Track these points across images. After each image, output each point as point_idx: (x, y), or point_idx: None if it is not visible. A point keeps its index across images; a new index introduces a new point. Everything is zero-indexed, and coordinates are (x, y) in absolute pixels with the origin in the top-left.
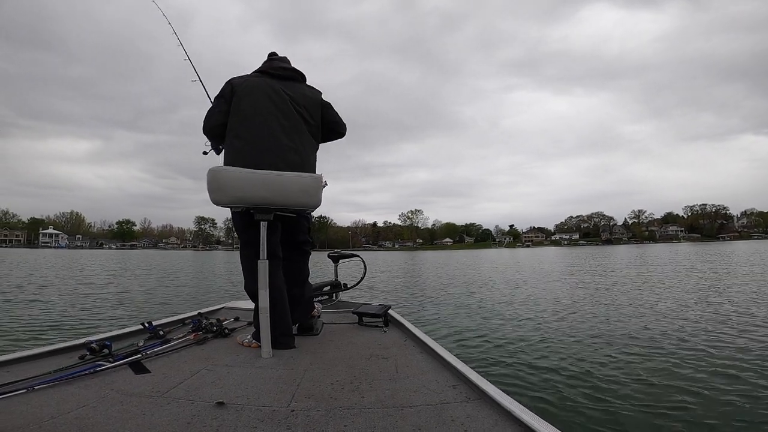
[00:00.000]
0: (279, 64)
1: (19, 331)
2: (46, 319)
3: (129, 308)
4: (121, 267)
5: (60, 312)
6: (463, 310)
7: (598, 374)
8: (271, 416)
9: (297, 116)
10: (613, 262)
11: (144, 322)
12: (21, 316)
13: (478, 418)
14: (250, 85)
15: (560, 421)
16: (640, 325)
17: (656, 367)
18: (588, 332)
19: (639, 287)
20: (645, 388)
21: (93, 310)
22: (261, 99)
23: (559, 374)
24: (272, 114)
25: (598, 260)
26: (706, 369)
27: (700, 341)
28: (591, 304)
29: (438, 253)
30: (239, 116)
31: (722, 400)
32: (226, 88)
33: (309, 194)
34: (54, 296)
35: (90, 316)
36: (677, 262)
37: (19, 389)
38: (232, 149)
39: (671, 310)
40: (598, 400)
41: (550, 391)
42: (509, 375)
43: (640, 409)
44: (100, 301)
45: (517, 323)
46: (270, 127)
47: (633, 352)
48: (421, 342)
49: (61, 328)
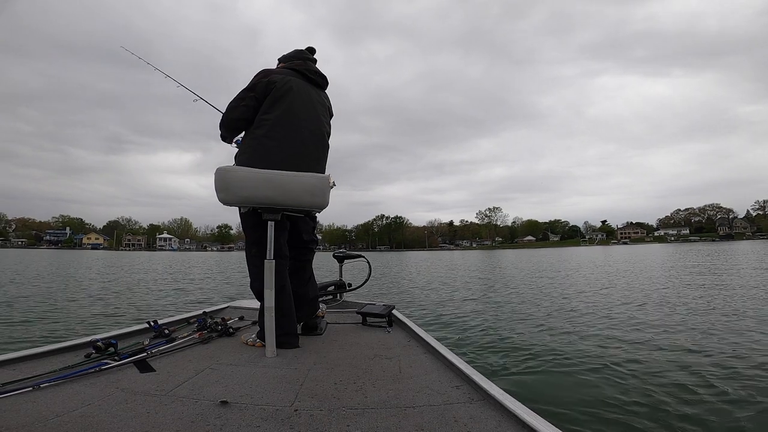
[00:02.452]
0: (314, 67)
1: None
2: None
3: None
4: (220, 263)
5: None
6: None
7: (605, 376)
8: (274, 415)
9: (324, 126)
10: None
11: (149, 320)
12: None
13: (481, 419)
14: (291, 86)
15: (564, 422)
16: (655, 323)
17: (669, 369)
18: (606, 334)
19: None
20: (655, 392)
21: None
22: (298, 104)
23: (564, 376)
24: (305, 121)
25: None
26: (734, 370)
27: (723, 339)
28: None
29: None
30: (274, 115)
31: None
32: (260, 83)
33: (316, 195)
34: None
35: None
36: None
37: (25, 387)
38: (261, 148)
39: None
40: (603, 402)
41: (555, 393)
42: (513, 376)
43: (649, 412)
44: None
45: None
46: (302, 134)
47: (644, 353)
48: (424, 342)
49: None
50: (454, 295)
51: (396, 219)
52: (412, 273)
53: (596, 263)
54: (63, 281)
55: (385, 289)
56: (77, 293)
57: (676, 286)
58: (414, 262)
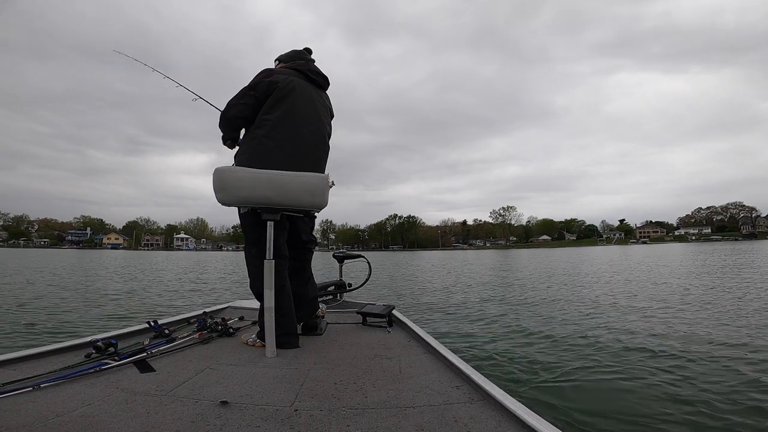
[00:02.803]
0: (316, 68)
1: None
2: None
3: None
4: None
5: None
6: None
7: (607, 377)
8: (274, 415)
9: (325, 127)
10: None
11: (149, 320)
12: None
13: (481, 419)
14: (293, 86)
15: (564, 423)
16: (656, 325)
17: (671, 369)
18: (606, 334)
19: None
20: (656, 392)
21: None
22: (300, 104)
23: (565, 376)
24: (307, 121)
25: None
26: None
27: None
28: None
29: (531, 252)
30: (276, 115)
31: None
32: (262, 83)
33: (315, 195)
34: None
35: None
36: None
37: (25, 387)
38: (261, 148)
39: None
40: (604, 403)
41: (555, 393)
42: (513, 375)
43: (650, 414)
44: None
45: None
46: (303, 135)
47: (646, 354)
48: (424, 342)
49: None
50: (468, 296)
51: (409, 218)
52: (426, 273)
53: (612, 263)
54: (82, 280)
55: (394, 290)
56: (93, 293)
57: (701, 286)
58: (426, 262)
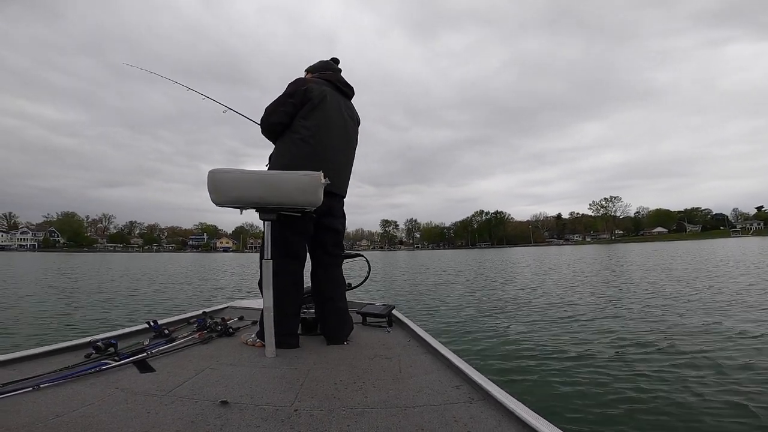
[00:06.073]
0: (343, 78)
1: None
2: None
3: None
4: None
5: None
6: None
7: (606, 376)
8: (274, 415)
9: (352, 137)
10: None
11: (149, 320)
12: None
13: (481, 418)
14: (325, 95)
15: (564, 422)
16: (656, 324)
17: (670, 369)
18: (600, 332)
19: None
20: (655, 391)
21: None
22: (332, 112)
23: (564, 375)
24: (337, 128)
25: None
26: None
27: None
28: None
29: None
30: (311, 123)
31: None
32: (299, 91)
33: (307, 193)
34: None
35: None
36: None
37: (25, 387)
38: (300, 151)
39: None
40: (603, 402)
41: (555, 392)
42: (513, 375)
43: (648, 413)
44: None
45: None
46: (333, 143)
47: (645, 355)
48: (424, 342)
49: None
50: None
51: (496, 214)
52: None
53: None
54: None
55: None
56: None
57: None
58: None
